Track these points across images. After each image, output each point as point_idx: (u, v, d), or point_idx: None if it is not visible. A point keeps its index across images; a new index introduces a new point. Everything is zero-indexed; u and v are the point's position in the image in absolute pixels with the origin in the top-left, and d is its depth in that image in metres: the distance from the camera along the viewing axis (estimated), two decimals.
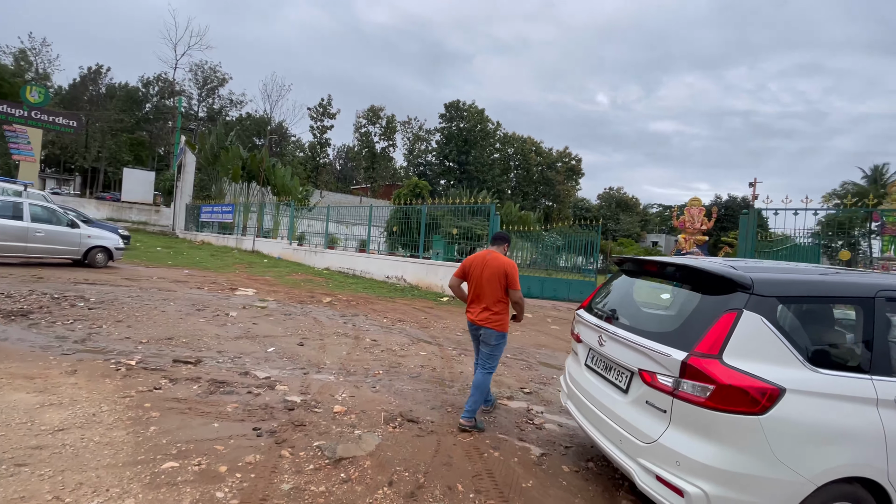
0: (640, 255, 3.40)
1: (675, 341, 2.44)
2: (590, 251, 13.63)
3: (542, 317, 10.40)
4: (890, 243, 27.87)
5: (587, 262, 13.79)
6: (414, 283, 13.33)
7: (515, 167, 55.60)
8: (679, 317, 2.61)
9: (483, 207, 12.91)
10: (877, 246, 30.35)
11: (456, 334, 7.49)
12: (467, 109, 48.96)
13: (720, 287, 2.47)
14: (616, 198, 65.39)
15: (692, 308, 2.53)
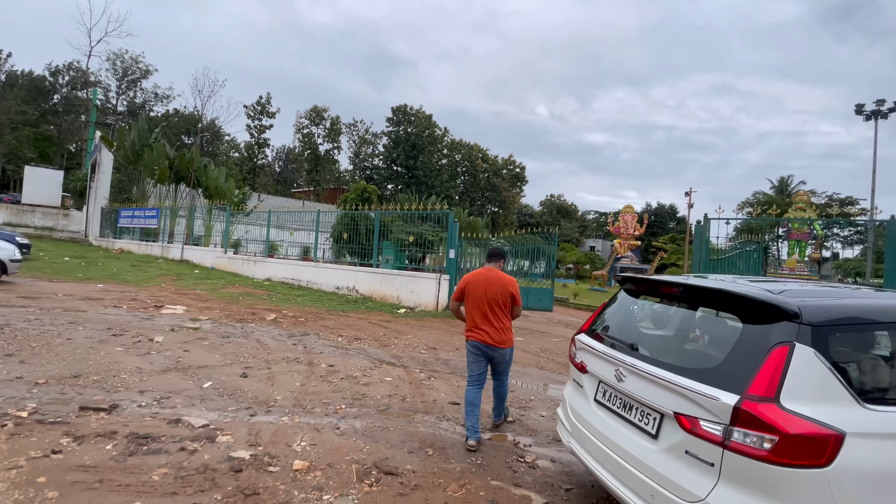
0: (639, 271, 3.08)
1: (718, 380, 2.10)
2: (546, 259, 13.62)
3: None
4: (795, 247, 31.11)
5: (546, 269, 13.74)
6: (367, 294, 12.57)
7: (463, 173, 55.91)
8: (718, 350, 2.27)
9: (441, 214, 12.48)
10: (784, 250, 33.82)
11: (420, 352, 6.93)
12: (415, 114, 48.46)
13: (763, 315, 2.16)
14: (557, 204, 67.94)
15: (733, 340, 2.20)
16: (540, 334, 9.60)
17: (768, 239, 61.38)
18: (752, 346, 2.12)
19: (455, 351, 7.23)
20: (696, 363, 2.31)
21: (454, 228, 11.64)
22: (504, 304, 3.81)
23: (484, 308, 3.79)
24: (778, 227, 39.66)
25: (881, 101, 20.10)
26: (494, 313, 3.79)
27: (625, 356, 2.59)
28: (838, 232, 59.05)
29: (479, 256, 16.29)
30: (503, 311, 3.82)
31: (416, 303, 11.51)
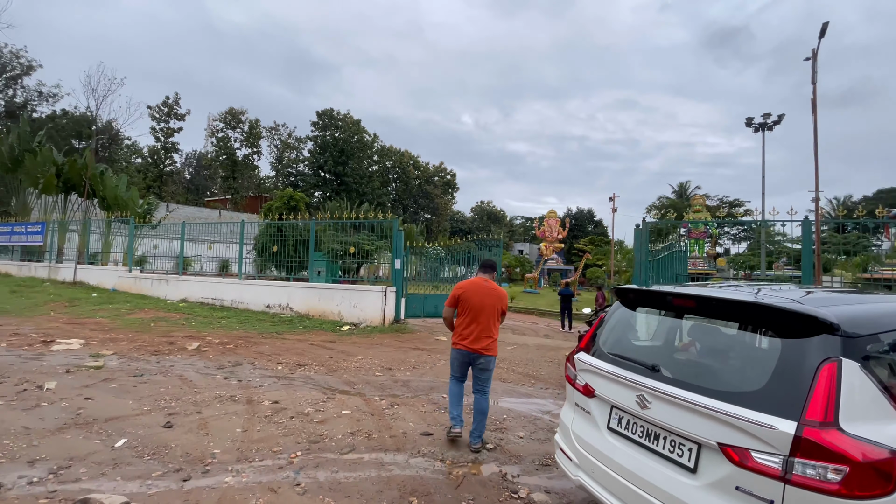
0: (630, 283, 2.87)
1: (766, 405, 1.89)
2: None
3: None
4: (694, 245, 34.70)
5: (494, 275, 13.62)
6: (304, 311, 11.58)
7: (394, 180, 55.06)
8: (758, 370, 2.07)
9: (384, 222, 11.88)
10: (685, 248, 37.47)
11: (374, 375, 6.34)
12: (342, 119, 46.76)
13: (798, 328, 2.00)
14: (487, 211, 69.63)
15: (773, 358, 2.01)
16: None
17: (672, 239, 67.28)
18: (796, 363, 1.94)
19: (412, 370, 6.73)
20: (734, 385, 2.10)
21: (399, 237, 11.12)
22: (497, 315, 4.02)
23: (479, 317, 3.92)
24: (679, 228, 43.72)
25: (767, 114, 23.12)
26: (486, 323, 3.93)
27: (646, 379, 2.33)
28: (728, 230, 67.11)
29: (416, 265, 15.98)
30: (494, 321, 3.99)
31: (360, 318, 10.79)
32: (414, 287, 12.71)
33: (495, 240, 13.31)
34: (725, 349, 2.36)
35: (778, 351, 2.02)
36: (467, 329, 3.93)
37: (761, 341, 2.16)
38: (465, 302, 3.97)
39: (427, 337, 9.72)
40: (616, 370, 2.53)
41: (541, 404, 5.44)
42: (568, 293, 14.10)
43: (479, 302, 3.92)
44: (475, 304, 3.92)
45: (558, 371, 7.15)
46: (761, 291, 2.48)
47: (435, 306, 11.78)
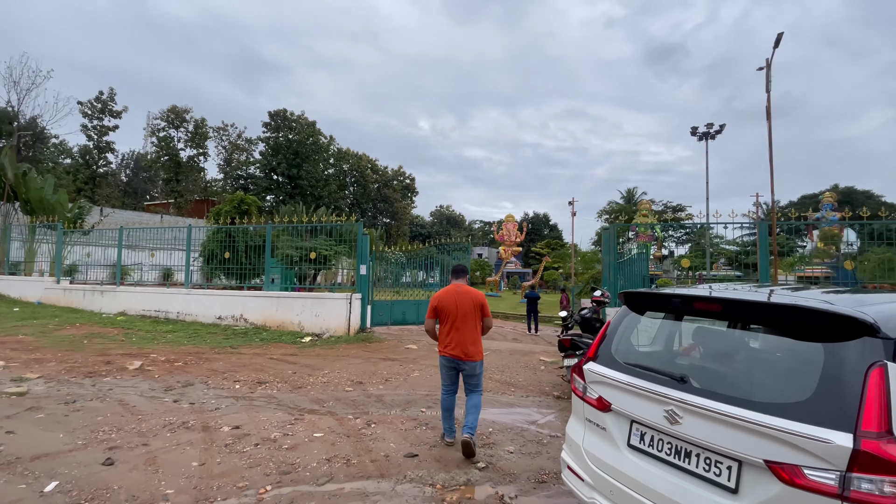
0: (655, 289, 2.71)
1: (814, 417, 1.74)
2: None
3: (428, 346, 9.39)
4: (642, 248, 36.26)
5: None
6: (260, 322, 10.83)
7: (352, 184, 53.79)
8: (800, 379, 1.93)
9: (347, 226, 11.37)
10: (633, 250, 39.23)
11: (345, 391, 5.89)
12: (296, 120, 45.00)
13: (838, 331, 1.88)
14: (447, 215, 69.77)
15: (817, 365, 1.87)
16: None
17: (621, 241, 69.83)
18: (841, 370, 1.80)
19: (385, 383, 6.34)
20: (776, 396, 1.94)
21: (364, 242, 10.65)
22: (474, 316, 3.99)
23: (457, 323, 3.95)
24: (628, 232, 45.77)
25: (710, 124, 24.64)
26: (466, 327, 3.95)
27: (674, 391, 2.14)
28: (672, 233, 71.12)
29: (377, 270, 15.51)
30: (474, 324, 3.99)
31: (323, 328, 10.21)
32: (378, 293, 12.25)
33: (459, 244, 13.09)
34: (756, 356, 2.22)
35: (820, 357, 1.89)
36: (449, 336, 3.99)
37: (797, 346, 2.03)
38: (443, 311, 4.03)
39: (396, 346, 9.32)
40: (637, 382, 2.33)
41: (524, 414, 5.23)
42: (534, 296, 14.15)
43: (455, 308, 3.98)
44: (452, 311, 3.99)
45: (535, 377, 7.00)
46: (777, 292, 2.37)
47: (402, 313, 11.39)
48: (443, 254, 13.34)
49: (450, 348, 3.96)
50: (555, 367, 7.71)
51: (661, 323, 2.79)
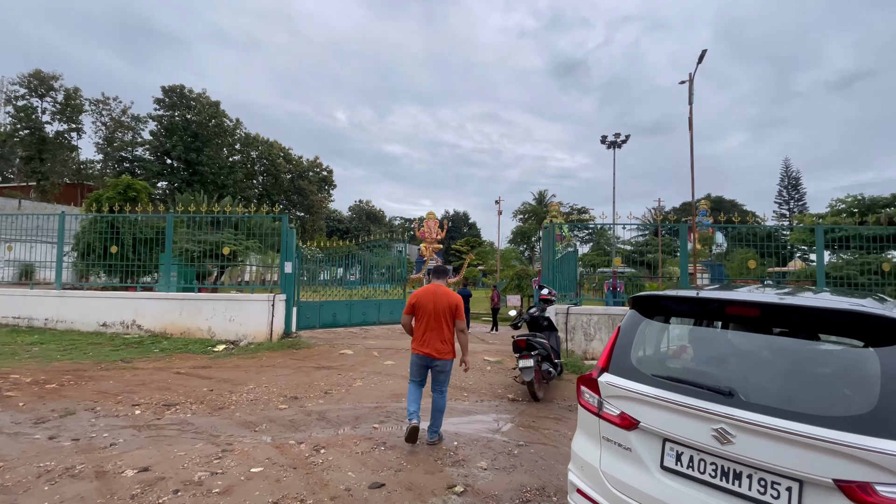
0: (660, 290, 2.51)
1: (884, 429, 1.62)
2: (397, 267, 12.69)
3: (365, 350, 8.70)
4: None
5: (394, 278, 12.72)
6: (158, 329, 9.26)
7: (262, 172, 49.51)
8: (858, 389, 1.81)
9: (264, 218, 10.18)
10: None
11: (279, 409, 5.08)
12: (196, 99, 40.01)
13: (888, 336, 1.79)
14: (366, 210, 67.86)
15: (875, 373, 1.76)
16: (406, 352, 8.61)
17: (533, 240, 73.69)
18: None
19: (325, 396, 5.62)
20: (836, 409, 1.79)
21: (290, 237, 9.59)
22: (449, 318, 4.12)
23: (431, 322, 4.07)
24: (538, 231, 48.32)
25: (618, 134, 26.83)
26: (440, 327, 4.07)
27: (721, 406, 1.92)
28: (577, 234, 76.94)
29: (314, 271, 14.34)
30: (448, 325, 4.12)
31: (240, 334, 9.00)
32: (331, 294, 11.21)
33: (381, 241, 12.48)
34: (805, 366, 2.08)
35: (875, 364, 1.77)
36: (424, 335, 4.10)
37: (849, 354, 1.92)
38: (419, 309, 4.13)
39: (329, 352, 8.50)
40: (672, 396, 2.08)
41: (485, 422, 4.92)
42: (466, 294, 14.02)
43: (432, 308, 4.08)
44: (429, 311, 4.08)
45: (485, 379, 6.75)
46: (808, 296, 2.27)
47: (333, 315, 10.50)
48: (364, 251, 12.64)
49: (423, 346, 4.08)
50: (501, 368, 7.56)
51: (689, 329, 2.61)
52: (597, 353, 8.24)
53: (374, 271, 12.63)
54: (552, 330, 6.76)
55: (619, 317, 8.24)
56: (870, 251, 12.85)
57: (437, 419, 4.17)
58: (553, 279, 8.63)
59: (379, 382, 6.32)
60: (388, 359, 7.94)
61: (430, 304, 4.10)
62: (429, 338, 4.07)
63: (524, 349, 5.68)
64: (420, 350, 4.11)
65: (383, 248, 12.93)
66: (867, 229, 10.13)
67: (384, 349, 8.86)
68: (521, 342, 5.71)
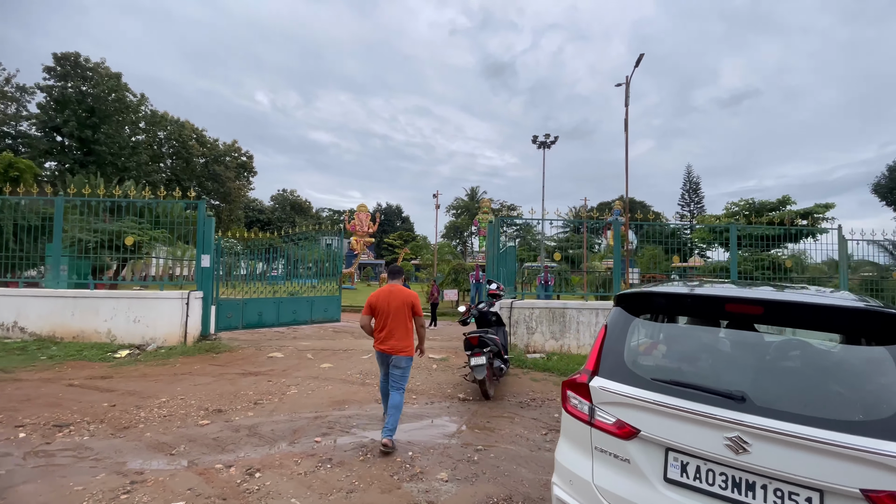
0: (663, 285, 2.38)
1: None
2: (329, 261, 11.89)
3: (297, 352, 7.98)
4: (483, 241, 39.77)
5: (326, 273, 11.88)
6: (46, 332, 7.82)
7: (170, 155, 44.50)
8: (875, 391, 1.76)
9: (186, 206, 8.98)
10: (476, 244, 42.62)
11: (198, 426, 4.39)
12: (94, 69, 34.66)
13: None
14: (290, 200, 64.23)
15: (891, 374, 1.72)
16: (345, 353, 8.04)
17: (466, 235, 74.89)
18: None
19: (255, 407, 4.98)
20: (857, 413, 1.73)
21: (209, 226, 8.52)
22: (406, 315, 4.24)
23: (388, 320, 4.19)
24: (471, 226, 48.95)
25: (547, 135, 27.83)
26: (397, 325, 4.19)
27: (733, 413, 1.80)
28: (506, 230, 79.38)
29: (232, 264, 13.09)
30: (405, 322, 4.23)
31: (147, 338, 7.85)
32: (258, 291, 10.08)
33: (307, 233, 11.68)
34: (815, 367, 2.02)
35: (892, 365, 1.74)
36: (381, 333, 4.23)
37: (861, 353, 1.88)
38: (377, 308, 4.25)
39: (256, 355, 7.69)
40: (678, 402, 1.93)
41: (438, 426, 4.64)
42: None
43: (388, 307, 4.21)
44: (385, 310, 4.21)
45: (431, 378, 6.46)
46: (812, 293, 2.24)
47: (258, 314, 9.54)
48: (288, 243, 11.71)
49: (382, 344, 4.20)
50: (447, 366, 7.32)
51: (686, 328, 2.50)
52: (538, 346, 8.34)
53: (302, 266, 11.76)
54: (500, 325, 6.66)
55: (559, 310, 8.41)
56: (762, 249, 14.58)
57: (393, 416, 4.12)
58: (497, 273, 8.58)
59: (316, 388, 5.77)
60: (325, 361, 7.36)
61: (385, 303, 4.21)
62: (386, 335, 4.18)
63: (476, 346, 5.48)
64: (380, 347, 4.25)
65: (311, 240, 12.09)
66: (771, 229, 11.31)
67: (319, 350, 8.22)
68: (473, 339, 5.50)
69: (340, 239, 11.99)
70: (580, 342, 8.42)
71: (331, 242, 12.97)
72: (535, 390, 6.00)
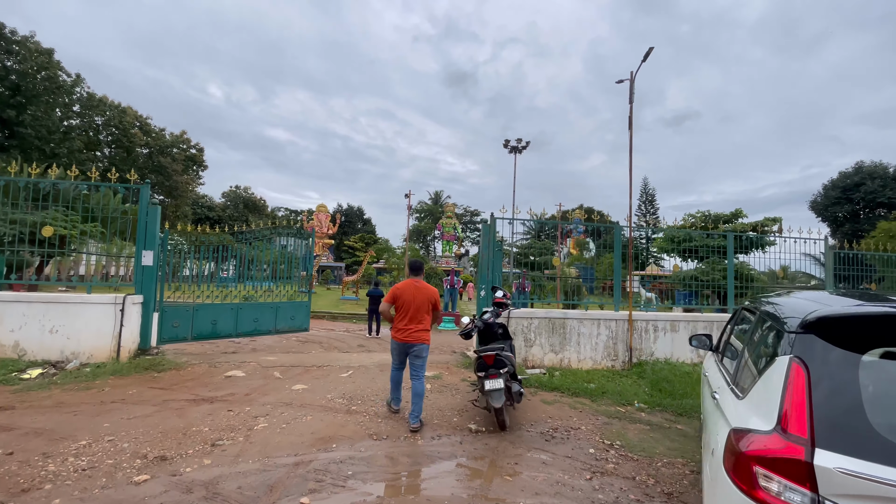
0: None
1: None
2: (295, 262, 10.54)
3: (262, 370, 6.68)
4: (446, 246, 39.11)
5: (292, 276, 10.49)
6: None
7: (109, 143, 40.37)
8: None
9: (125, 189, 7.48)
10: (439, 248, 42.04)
11: (134, 482, 3.17)
12: (21, 43, 30.59)
13: None
14: (244, 198, 60.71)
15: None
16: (319, 371, 6.82)
17: (429, 239, 74.30)
18: None
19: (212, 451, 3.78)
20: None
21: (153, 217, 7.08)
22: (427, 310, 4.74)
23: (412, 313, 4.65)
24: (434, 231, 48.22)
25: (520, 139, 27.51)
26: (419, 317, 4.68)
27: None
28: (468, 235, 79.35)
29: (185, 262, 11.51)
30: (426, 315, 4.74)
31: (68, 352, 6.32)
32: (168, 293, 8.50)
33: (261, 231, 10.33)
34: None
35: None
36: (402, 323, 4.65)
37: None
38: (400, 300, 4.66)
39: (210, 374, 6.34)
40: None
41: (458, 473, 3.64)
42: (378, 294, 12.50)
43: (413, 301, 4.64)
44: (411, 304, 4.63)
45: (430, 402, 5.41)
46: None
47: (213, 322, 8.06)
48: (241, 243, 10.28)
49: (406, 335, 4.62)
50: (443, 385, 6.32)
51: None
52: (537, 361, 7.54)
53: (261, 267, 10.37)
54: (507, 338, 5.77)
55: (559, 321, 7.66)
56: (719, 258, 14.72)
57: (417, 405, 4.54)
58: (494, 279, 7.72)
59: (292, 420, 4.62)
60: (297, 381, 6.15)
61: (410, 298, 4.63)
62: (410, 326, 4.61)
63: (492, 367, 4.56)
64: (400, 338, 4.64)
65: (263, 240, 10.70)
66: (763, 238, 11.18)
67: (288, 368, 6.96)
68: (488, 358, 4.58)
69: (312, 238, 10.71)
70: (580, 356, 7.71)
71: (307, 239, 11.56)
72: (553, 416, 5.15)
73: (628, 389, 6.32)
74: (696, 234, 10.70)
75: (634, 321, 7.90)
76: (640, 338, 8.07)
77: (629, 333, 7.89)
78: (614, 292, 8.41)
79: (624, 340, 7.95)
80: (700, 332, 6.14)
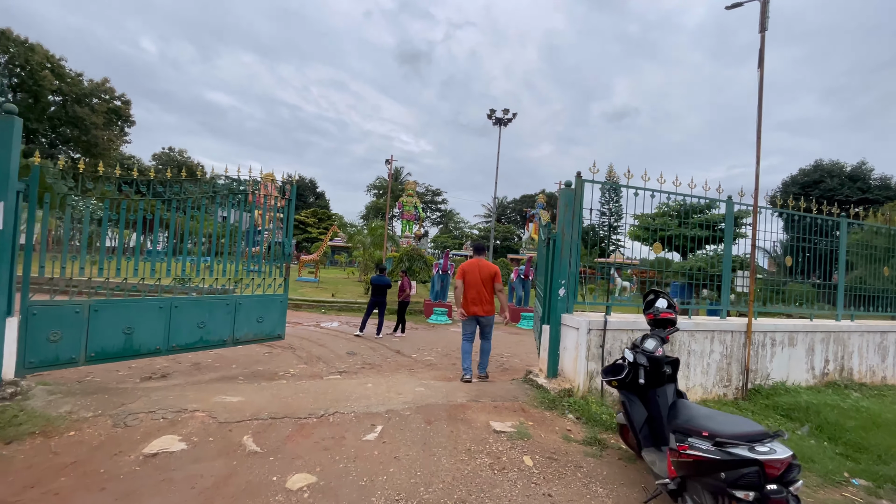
0: None
1: None
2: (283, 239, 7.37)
3: (219, 432, 3.65)
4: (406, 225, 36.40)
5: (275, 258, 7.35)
6: None
7: (13, 87, 32.88)
8: None
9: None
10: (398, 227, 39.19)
11: None
12: None
13: None
14: (178, 161, 53.81)
15: None
16: (323, 428, 3.88)
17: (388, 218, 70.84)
18: None
19: None
20: None
21: (8, 136, 3.84)
22: (491, 284, 5.74)
23: (479, 287, 5.67)
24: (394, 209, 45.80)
25: (506, 110, 25.00)
26: (485, 292, 5.70)
27: None
28: (429, 215, 76.47)
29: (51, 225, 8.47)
30: (490, 289, 5.75)
31: None
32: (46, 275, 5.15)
33: (193, 192, 7.10)
34: None
35: None
36: (471, 298, 5.70)
37: None
38: (468, 278, 5.71)
39: (112, 445, 3.24)
40: None
41: None
42: (383, 282, 9.57)
43: (478, 278, 5.68)
44: (477, 281, 5.68)
45: (536, 489, 2.83)
46: None
47: (127, 329, 4.81)
48: (171, 210, 6.97)
49: (476, 308, 5.66)
50: (534, 446, 3.71)
51: None
52: None
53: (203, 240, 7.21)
54: (673, 381, 3.30)
55: (724, 333, 5.33)
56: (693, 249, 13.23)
57: (484, 359, 5.89)
58: (574, 272, 5.21)
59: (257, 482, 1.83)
60: (292, 463, 3.15)
61: (476, 276, 5.64)
62: (477, 300, 5.63)
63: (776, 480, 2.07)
64: (473, 311, 5.64)
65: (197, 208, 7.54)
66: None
67: (268, 424, 3.84)
68: (772, 468, 2.07)
69: (290, 205, 7.66)
70: (690, 382, 5.45)
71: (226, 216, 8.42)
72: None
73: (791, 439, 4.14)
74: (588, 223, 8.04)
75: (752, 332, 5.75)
76: (755, 354, 5.96)
77: (747, 349, 5.74)
78: (722, 293, 6.15)
79: (739, 360, 5.79)
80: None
